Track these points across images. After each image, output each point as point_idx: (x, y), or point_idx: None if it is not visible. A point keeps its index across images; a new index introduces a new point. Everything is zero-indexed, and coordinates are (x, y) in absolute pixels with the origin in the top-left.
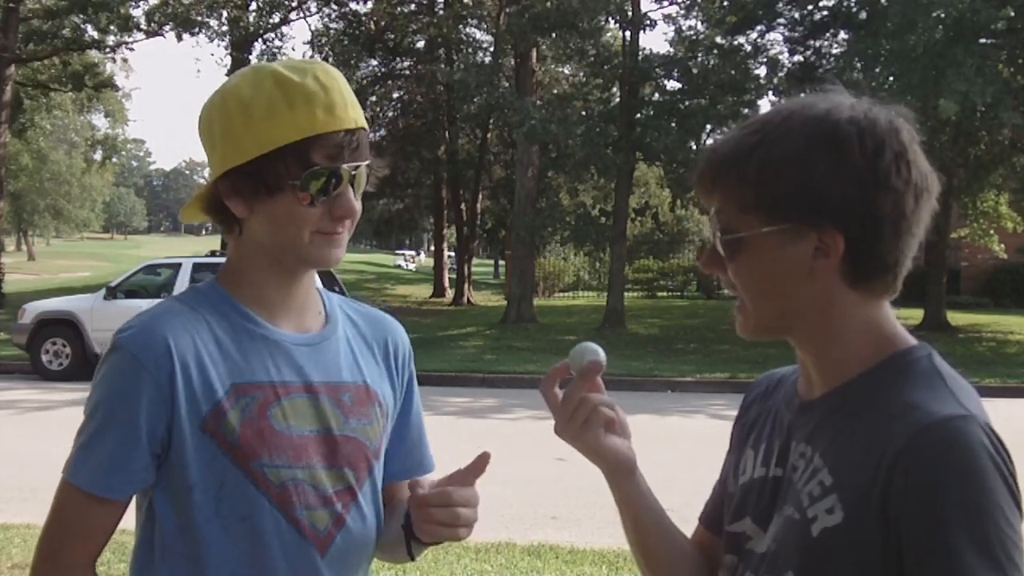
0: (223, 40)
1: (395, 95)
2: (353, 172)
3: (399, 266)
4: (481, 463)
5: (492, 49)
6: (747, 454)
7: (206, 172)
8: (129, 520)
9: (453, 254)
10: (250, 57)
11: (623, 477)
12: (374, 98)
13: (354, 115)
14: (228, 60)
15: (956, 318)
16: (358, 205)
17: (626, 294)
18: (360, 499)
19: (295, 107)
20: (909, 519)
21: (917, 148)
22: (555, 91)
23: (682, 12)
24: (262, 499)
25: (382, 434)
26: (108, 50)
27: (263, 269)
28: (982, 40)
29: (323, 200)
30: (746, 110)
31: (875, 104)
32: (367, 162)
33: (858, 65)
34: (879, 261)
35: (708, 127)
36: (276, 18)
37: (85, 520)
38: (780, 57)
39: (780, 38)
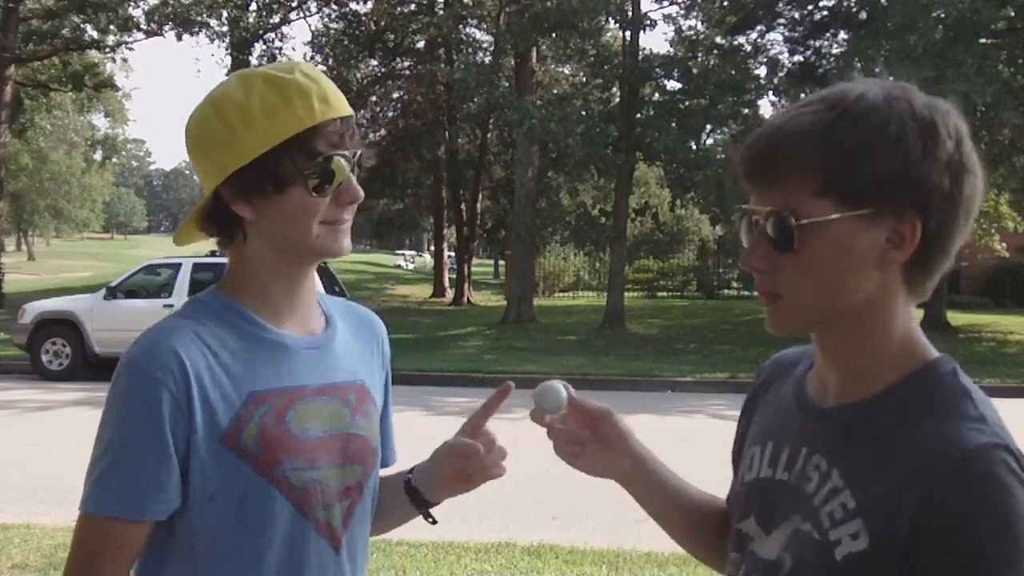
0: (223, 40)
1: (395, 95)
2: (355, 158)
3: (399, 266)
4: (501, 395)
5: (492, 49)
6: (754, 451)
7: None
8: None
9: (453, 254)
10: (250, 57)
11: (629, 486)
12: (374, 98)
13: (344, 103)
14: (228, 60)
15: (956, 318)
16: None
17: (626, 294)
18: (365, 493)
19: (292, 101)
20: (941, 552)
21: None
22: (555, 91)
23: (682, 12)
24: (286, 503)
25: (378, 431)
26: (108, 50)
27: (269, 272)
28: (982, 40)
29: (331, 188)
30: (746, 110)
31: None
32: (362, 149)
33: (858, 65)
34: (946, 253)
35: (708, 127)
36: (276, 18)
37: (115, 550)
38: (780, 57)
39: (780, 38)
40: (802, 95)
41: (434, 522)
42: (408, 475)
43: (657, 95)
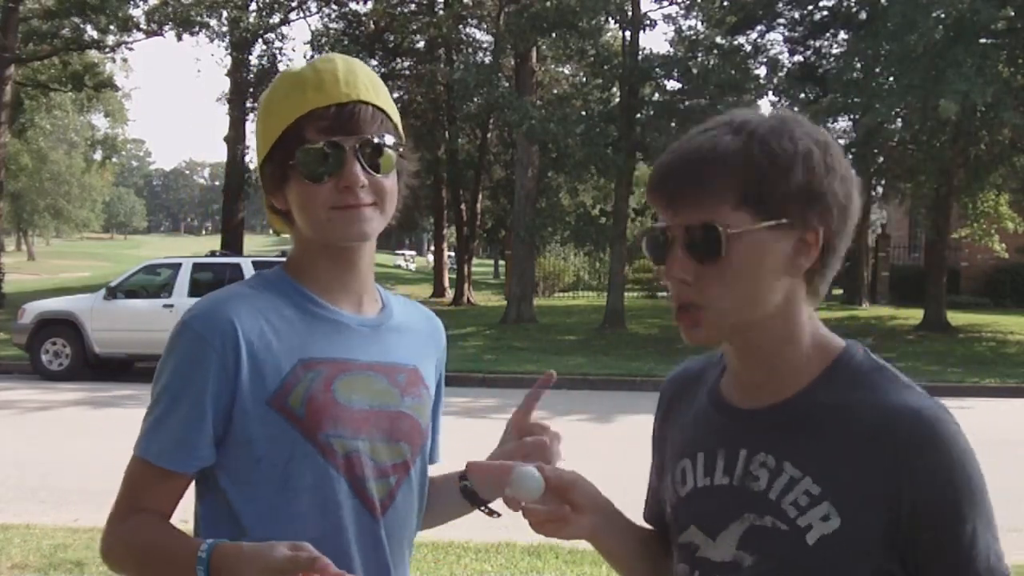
0: (223, 40)
1: (395, 95)
2: (357, 143)
3: (399, 266)
4: (543, 384)
5: (492, 49)
6: (684, 464)
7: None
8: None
9: (453, 254)
10: (250, 57)
11: (598, 541)
12: None
13: (347, 90)
14: (228, 60)
15: (956, 318)
16: (387, 180)
17: (626, 294)
18: (412, 474)
19: (289, 96)
20: (928, 503)
21: None
22: (555, 91)
23: (682, 12)
24: (330, 469)
25: (429, 415)
26: (108, 50)
27: (317, 255)
28: (982, 40)
29: (324, 174)
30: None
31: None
32: (375, 134)
33: (858, 65)
34: (839, 257)
35: None
36: (276, 18)
37: (154, 492)
38: (780, 57)
39: (780, 38)
40: (802, 94)
41: (498, 515)
42: (464, 482)
43: (657, 95)
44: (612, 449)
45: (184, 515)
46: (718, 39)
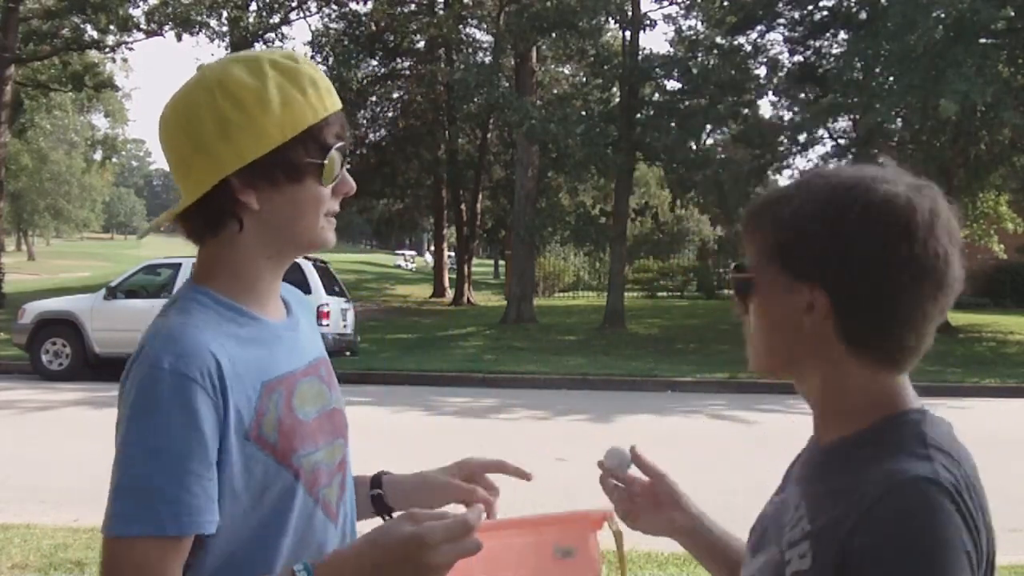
0: (223, 40)
1: (395, 95)
2: (348, 151)
3: (399, 266)
4: (520, 474)
5: (492, 49)
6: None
7: None
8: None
9: (453, 254)
10: None
11: (683, 540)
12: (374, 98)
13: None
14: None
15: (956, 318)
16: None
17: (626, 294)
18: (348, 466)
19: (306, 91)
20: (867, 551)
21: (940, 231)
22: (555, 91)
23: (682, 12)
24: (300, 490)
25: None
26: (108, 50)
27: (261, 262)
28: (982, 40)
29: (334, 180)
30: (746, 110)
31: (907, 181)
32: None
33: (858, 65)
34: (888, 318)
35: (708, 127)
36: (276, 18)
37: (170, 566)
38: (780, 57)
39: (780, 38)
40: (802, 94)
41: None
42: (378, 491)
43: (657, 95)
44: None
45: None
46: (718, 39)
